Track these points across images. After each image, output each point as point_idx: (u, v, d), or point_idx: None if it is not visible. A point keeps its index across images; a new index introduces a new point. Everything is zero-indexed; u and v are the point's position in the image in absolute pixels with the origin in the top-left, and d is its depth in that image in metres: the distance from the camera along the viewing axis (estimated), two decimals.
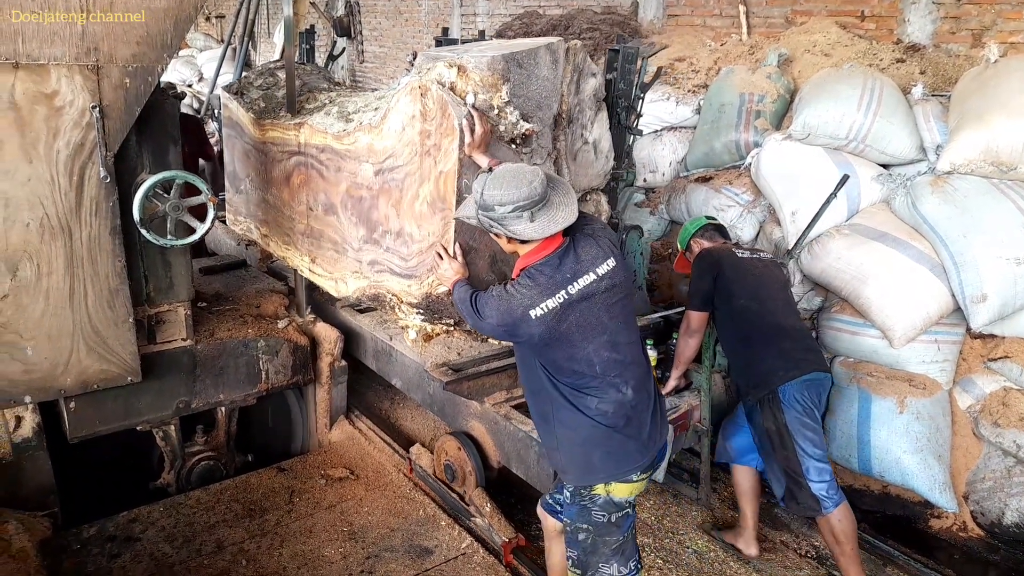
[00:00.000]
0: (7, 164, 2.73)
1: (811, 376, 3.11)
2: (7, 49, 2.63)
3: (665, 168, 5.34)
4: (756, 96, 4.78)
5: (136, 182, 3.07)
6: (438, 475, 3.67)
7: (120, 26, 2.79)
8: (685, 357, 3.45)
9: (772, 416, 3.10)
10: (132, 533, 3.29)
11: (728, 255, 3.35)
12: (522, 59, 2.78)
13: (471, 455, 3.41)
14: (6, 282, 2.84)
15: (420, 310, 3.10)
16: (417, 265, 3.00)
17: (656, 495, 3.82)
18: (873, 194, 4.14)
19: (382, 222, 3.14)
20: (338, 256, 3.52)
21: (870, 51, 4.85)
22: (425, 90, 2.75)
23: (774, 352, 3.15)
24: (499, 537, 3.24)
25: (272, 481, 3.76)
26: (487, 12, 8.55)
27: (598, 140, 3.33)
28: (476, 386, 3.32)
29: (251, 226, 4.35)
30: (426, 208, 2.87)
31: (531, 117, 2.84)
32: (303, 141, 3.58)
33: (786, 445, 3.07)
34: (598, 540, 2.44)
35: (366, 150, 3.14)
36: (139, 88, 2.90)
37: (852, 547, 3.05)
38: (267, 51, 11.93)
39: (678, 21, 6.40)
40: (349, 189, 3.31)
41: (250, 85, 4.32)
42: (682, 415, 3.45)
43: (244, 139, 4.13)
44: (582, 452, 2.40)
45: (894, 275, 3.78)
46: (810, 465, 3.05)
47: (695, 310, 3.33)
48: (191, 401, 3.59)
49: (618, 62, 3.68)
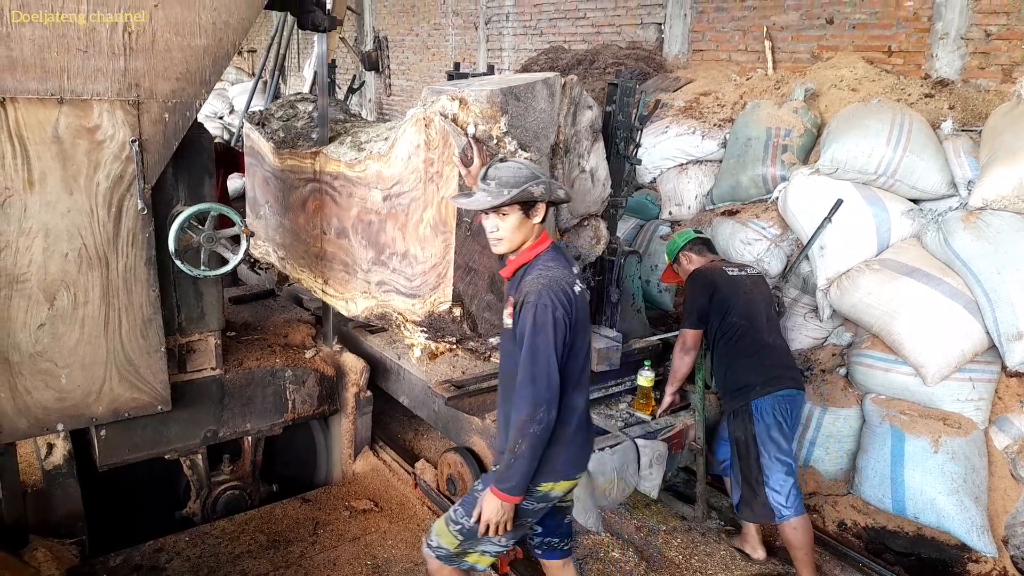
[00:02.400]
0: (49, 196, 2.80)
1: (785, 392, 3.29)
2: (52, 85, 2.72)
3: (691, 201, 5.34)
4: (783, 130, 4.78)
5: (172, 214, 3.13)
6: (441, 489, 3.78)
7: (160, 63, 2.87)
8: (680, 374, 3.60)
9: (743, 426, 3.31)
10: (158, 563, 3.30)
11: (720, 273, 3.50)
12: (520, 92, 2.96)
13: (472, 469, 3.54)
14: (43, 311, 2.90)
15: (423, 328, 3.22)
16: (421, 285, 3.15)
17: (683, 533, 3.76)
18: (903, 229, 4.11)
19: (389, 244, 3.30)
20: (348, 277, 3.67)
21: (898, 86, 4.84)
22: (429, 121, 2.93)
23: (755, 367, 3.33)
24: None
25: (297, 512, 3.75)
26: (513, 47, 8.68)
27: (595, 168, 3.48)
28: (477, 402, 3.55)
29: (269, 249, 4.51)
30: (429, 231, 3.04)
31: (529, 146, 3.00)
32: (318, 169, 3.76)
33: (750, 455, 3.26)
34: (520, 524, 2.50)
35: (375, 177, 3.31)
36: (177, 123, 2.97)
37: (805, 552, 3.24)
38: (296, 84, 12.19)
39: (703, 56, 6.45)
40: (359, 214, 3.48)
41: (271, 116, 4.53)
42: (677, 434, 3.59)
43: (264, 167, 4.33)
44: (556, 451, 2.40)
45: (926, 311, 3.72)
46: (771, 475, 3.23)
47: (691, 327, 3.48)
48: (219, 430, 3.61)
49: (617, 95, 3.84)
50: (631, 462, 3.35)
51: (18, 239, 2.78)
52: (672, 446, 3.52)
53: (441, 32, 9.99)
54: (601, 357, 3.57)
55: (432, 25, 10.16)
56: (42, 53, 2.66)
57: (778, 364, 3.35)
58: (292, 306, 4.62)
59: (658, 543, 3.67)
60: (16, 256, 2.79)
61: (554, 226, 3.36)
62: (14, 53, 2.62)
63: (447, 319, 3.05)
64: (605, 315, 3.93)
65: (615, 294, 3.88)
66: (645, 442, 3.43)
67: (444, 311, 3.02)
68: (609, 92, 3.89)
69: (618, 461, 3.29)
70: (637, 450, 3.38)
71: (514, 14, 8.59)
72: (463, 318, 3.06)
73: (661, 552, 3.60)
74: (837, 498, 4.02)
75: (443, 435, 3.98)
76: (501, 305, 3.06)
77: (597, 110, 3.41)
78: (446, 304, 3.02)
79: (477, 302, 3.07)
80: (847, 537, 3.86)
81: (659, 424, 3.64)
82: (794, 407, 3.35)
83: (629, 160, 3.97)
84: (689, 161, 5.40)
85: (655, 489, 3.42)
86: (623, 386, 3.97)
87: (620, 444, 3.35)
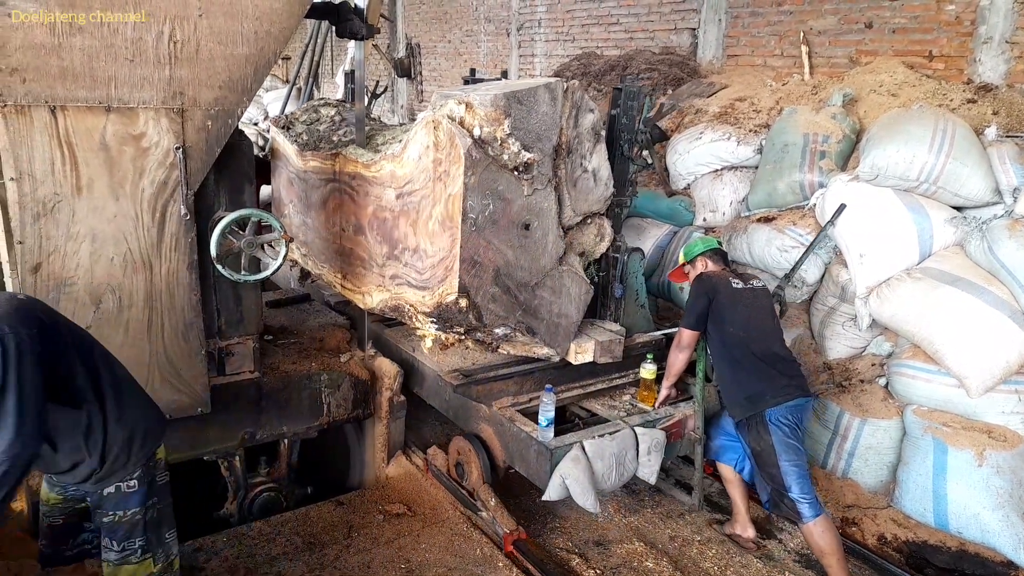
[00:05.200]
0: (96, 201, 2.87)
1: (795, 402, 3.37)
2: (100, 94, 2.79)
3: (725, 208, 5.29)
4: (820, 136, 4.72)
5: (213, 219, 3.18)
6: (450, 473, 3.91)
7: (204, 72, 2.93)
8: (676, 370, 3.73)
9: (759, 436, 3.36)
10: (196, 563, 3.34)
11: (724, 283, 3.58)
12: (522, 97, 3.16)
13: (479, 454, 3.68)
14: (89, 314, 2.96)
15: (433, 319, 3.42)
16: (430, 277, 3.33)
17: (718, 544, 3.71)
18: (946, 237, 4.02)
19: (402, 240, 3.49)
20: (365, 272, 3.87)
21: (939, 91, 4.75)
22: (437, 124, 3.13)
23: (763, 378, 3.40)
24: (501, 529, 3.47)
25: (331, 515, 3.78)
26: (545, 53, 8.69)
27: (597, 169, 3.63)
28: (484, 390, 3.75)
29: (293, 246, 4.64)
30: (437, 227, 3.22)
31: (532, 147, 3.22)
32: (338, 169, 3.94)
33: (772, 463, 3.32)
34: (163, 504, 2.48)
35: (389, 176, 3.50)
36: (219, 130, 3.03)
37: (837, 559, 3.22)
38: (330, 91, 12.33)
39: (738, 61, 6.39)
40: (375, 211, 3.67)
41: (296, 120, 4.75)
42: (676, 423, 3.72)
43: (288, 168, 4.55)
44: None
45: (970, 321, 3.64)
46: (792, 482, 3.28)
47: (688, 328, 3.61)
48: (256, 432, 3.66)
49: (621, 99, 4.02)
50: (630, 448, 3.50)
51: (66, 244, 2.85)
52: (671, 435, 3.68)
53: (473, 39, 10.04)
54: (604, 349, 3.78)
55: (464, 32, 10.22)
56: (91, 62, 2.74)
57: (785, 373, 3.42)
58: (327, 311, 4.67)
59: (693, 554, 3.63)
60: (64, 260, 2.86)
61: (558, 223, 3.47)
62: (65, 63, 2.69)
63: (454, 309, 3.25)
64: (609, 310, 4.13)
65: (619, 290, 4.07)
66: (644, 430, 3.57)
67: (451, 302, 3.22)
68: (614, 96, 4.07)
69: (617, 447, 3.44)
70: (636, 438, 3.53)
71: (546, 20, 8.60)
72: (469, 309, 3.26)
73: (696, 563, 3.56)
74: (877, 511, 3.94)
75: (453, 422, 4.14)
76: (506, 298, 3.31)
77: (598, 113, 3.58)
78: (453, 295, 3.20)
79: (482, 294, 3.27)
80: (887, 551, 3.78)
81: (659, 414, 3.76)
82: (804, 414, 3.45)
83: (633, 161, 4.15)
84: (724, 167, 5.35)
85: (653, 475, 3.56)
86: (627, 378, 4.09)
87: (619, 431, 3.50)
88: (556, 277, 3.54)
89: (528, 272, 3.42)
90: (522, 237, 3.33)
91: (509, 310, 3.42)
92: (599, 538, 3.72)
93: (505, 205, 3.22)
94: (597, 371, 4.01)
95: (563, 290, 3.58)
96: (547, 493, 3.30)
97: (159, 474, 2.46)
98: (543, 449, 3.33)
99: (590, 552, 3.59)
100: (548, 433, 3.39)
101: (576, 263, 3.69)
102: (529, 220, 3.33)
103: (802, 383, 3.46)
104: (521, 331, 3.54)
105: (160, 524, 2.45)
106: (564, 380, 3.91)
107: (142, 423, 2.36)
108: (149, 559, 2.42)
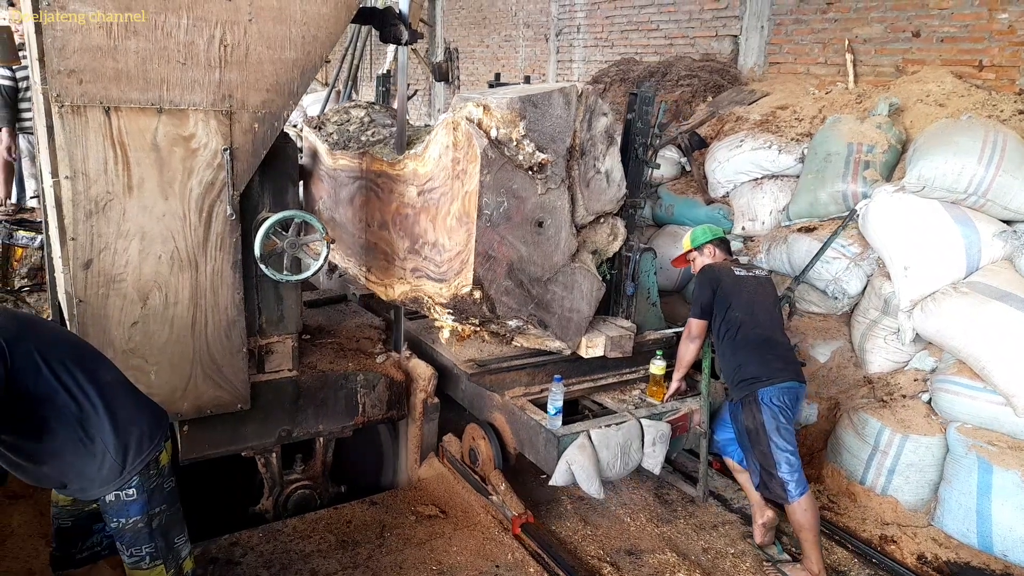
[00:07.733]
0: (146, 200, 2.93)
1: (788, 384, 3.47)
2: (152, 95, 2.85)
3: (765, 217, 5.24)
4: (865, 146, 4.64)
5: (257, 220, 3.24)
6: (464, 460, 4.05)
7: (252, 75, 2.99)
8: (686, 361, 3.85)
9: (752, 415, 3.47)
10: (233, 556, 3.39)
11: (727, 271, 3.73)
12: (537, 100, 3.31)
13: (491, 441, 3.84)
14: (137, 310, 3.03)
15: (450, 310, 3.56)
16: (447, 270, 3.48)
17: (752, 557, 3.66)
18: (995, 251, 3.93)
19: (422, 235, 3.64)
20: (388, 265, 4.03)
21: (989, 101, 4.64)
22: (456, 125, 3.27)
23: (759, 360, 3.51)
24: (510, 512, 3.60)
25: (364, 514, 3.81)
26: (583, 59, 8.69)
27: (610, 170, 3.74)
28: (497, 380, 3.93)
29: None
30: (455, 222, 3.36)
31: (546, 148, 3.36)
32: (365, 168, 4.11)
33: (762, 442, 3.44)
34: (171, 511, 2.42)
35: (412, 174, 3.64)
36: (266, 132, 3.08)
37: (814, 534, 3.37)
38: (368, 94, 12.47)
39: (780, 69, 6.32)
40: (398, 208, 3.80)
41: (327, 121, 4.92)
42: (682, 417, 3.84)
43: (320, 166, 4.72)
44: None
45: (1019, 338, 3.55)
46: (781, 460, 3.40)
47: (696, 318, 3.73)
48: (293, 430, 3.71)
49: (636, 104, 4.18)
50: (635, 439, 3.60)
51: (116, 241, 2.92)
52: (676, 428, 3.79)
53: (512, 44, 10.08)
54: (614, 345, 3.89)
55: (503, 37, 10.26)
56: (144, 65, 2.80)
57: (780, 358, 3.54)
58: (364, 311, 4.71)
59: (726, 567, 3.59)
60: (114, 257, 2.93)
61: (571, 222, 3.59)
62: (119, 65, 2.76)
63: (468, 301, 3.40)
64: (621, 307, 4.27)
65: (630, 287, 4.20)
66: (649, 422, 3.68)
67: (466, 293, 3.36)
68: (629, 101, 4.22)
69: (622, 437, 3.56)
70: (642, 429, 3.64)
71: (585, 26, 8.59)
72: (483, 300, 3.40)
73: None
74: (916, 529, 3.85)
75: (469, 411, 4.22)
76: (519, 291, 3.43)
77: (612, 117, 3.69)
78: (467, 287, 3.34)
79: (496, 287, 3.40)
80: (927, 571, 3.69)
81: (665, 407, 3.88)
82: (796, 399, 3.54)
83: (648, 164, 4.30)
84: (764, 176, 5.30)
85: (657, 466, 3.68)
86: (637, 374, 4.22)
87: (625, 422, 3.62)
88: (568, 273, 3.64)
89: (541, 267, 3.53)
90: (535, 234, 3.45)
91: (522, 303, 3.54)
92: (631, 547, 3.70)
93: (519, 203, 3.34)
94: (607, 366, 4.13)
95: (575, 286, 3.69)
96: (553, 478, 3.44)
97: (164, 481, 2.39)
98: (551, 436, 3.49)
99: (622, 561, 3.57)
100: (556, 421, 3.55)
101: (588, 260, 3.80)
102: (542, 218, 3.45)
103: (796, 369, 3.57)
104: (533, 324, 3.65)
105: (169, 530, 2.41)
106: (575, 373, 4.09)
107: (135, 430, 2.29)
108: (160, 566, 2.38)
